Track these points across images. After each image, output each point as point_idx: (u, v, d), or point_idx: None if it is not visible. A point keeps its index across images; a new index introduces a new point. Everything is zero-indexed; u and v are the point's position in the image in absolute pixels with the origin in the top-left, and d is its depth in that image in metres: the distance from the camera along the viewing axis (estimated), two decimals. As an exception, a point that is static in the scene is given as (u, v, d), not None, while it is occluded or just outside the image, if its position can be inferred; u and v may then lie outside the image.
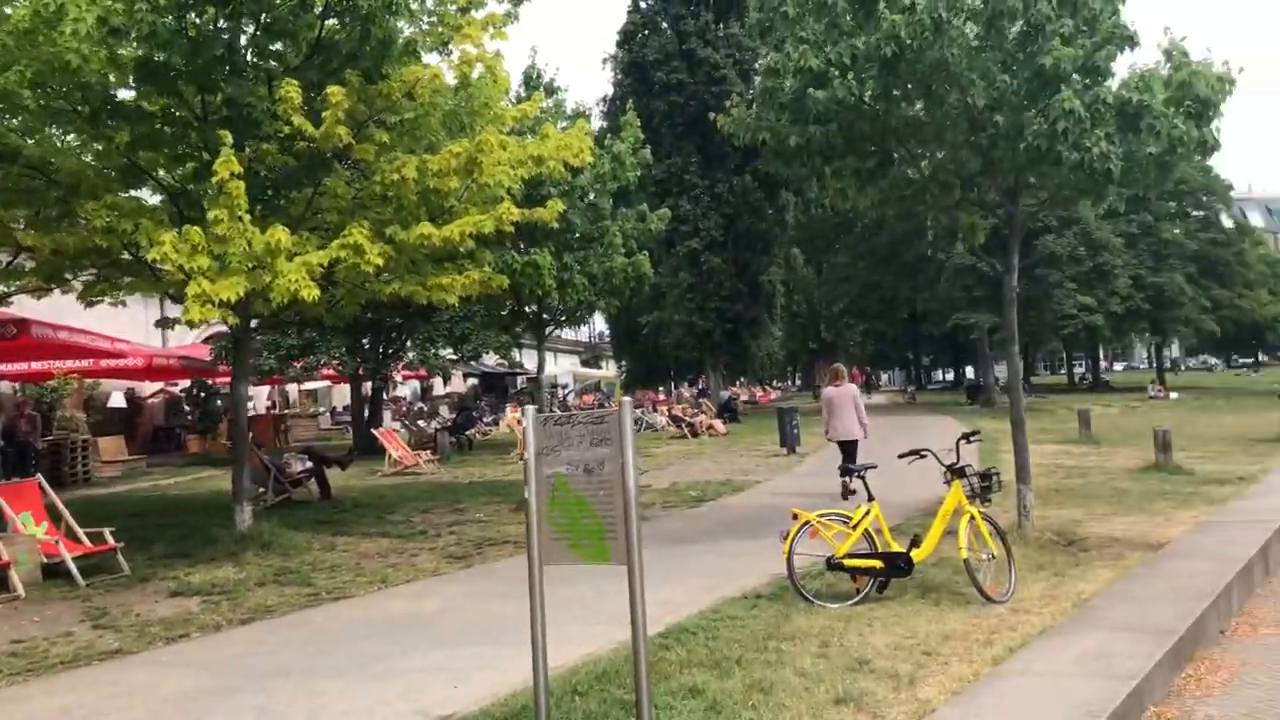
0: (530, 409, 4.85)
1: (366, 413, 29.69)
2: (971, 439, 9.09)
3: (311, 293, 10.15)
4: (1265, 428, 23.61)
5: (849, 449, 14.89)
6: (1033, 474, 11.15)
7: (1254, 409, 32.94)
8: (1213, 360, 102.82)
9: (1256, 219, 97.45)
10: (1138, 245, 54.29)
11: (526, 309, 18.51)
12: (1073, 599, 7.48)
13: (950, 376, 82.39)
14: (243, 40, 11.69)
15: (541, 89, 17.43)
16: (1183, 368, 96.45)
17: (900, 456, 8.57)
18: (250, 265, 10.32)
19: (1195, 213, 61.75)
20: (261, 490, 15.84)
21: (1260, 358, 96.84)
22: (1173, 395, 47.85)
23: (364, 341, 27.51)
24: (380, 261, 11.07)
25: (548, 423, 4.75)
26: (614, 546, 4.53)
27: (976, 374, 57.71)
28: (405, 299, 13.32)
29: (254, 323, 13.11)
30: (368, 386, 30.40)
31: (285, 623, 8.34)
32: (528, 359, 51.89)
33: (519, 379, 56.44)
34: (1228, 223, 66.02)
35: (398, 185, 11.57)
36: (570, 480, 4.65)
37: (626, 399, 4.72)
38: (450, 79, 12.78)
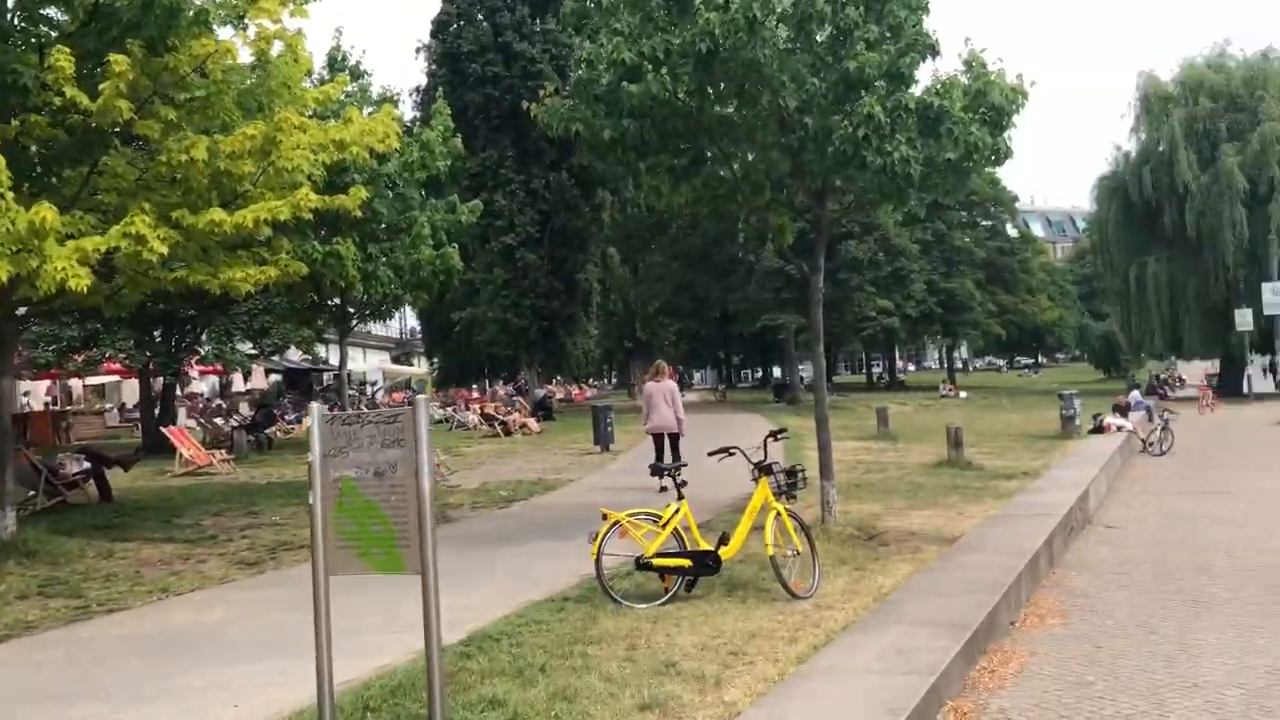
0: (315, 406, 4.47)
1: (157, 410, 27.95)
2: (779, 436, 9.18)
3: (81, 282, 9.30)
4: (1045, 425, 25.17)
5: (666, 441, 15.46)
6: (835, 470, 11.39)
7: (1035, 407, 35.14)
8: (999, 361, 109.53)
9: (1038, 229, 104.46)
10: (932, 252, 57.19)
11: (329, 301, 17.74)
12: (874, 593, 7.60)
13: (759, 375, 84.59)
14: (9, 2, 10.65)
15: (346, 72, 16.71)
16: (971, 368, 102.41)
17: (710, 454, 8.55)
18: (14, 248, 9.38)
19: (984, 222, 65.69)
20: (31, 493, 14.56)
21: (1040, 359, 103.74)
22: (962, 394, 50.68)
23: (155, 334, 25.86)
24: (164, 249, 10.26)
25: (335, 422, 4.39)
26: (407, 555, 4.22)
27: (783, 373, 59.44)
28: (195, 289, 12.48)
29: (21, 311, 12.00)
30: (159, 382, 28.64)
31: (46, 640, 7.59)
32: (335, 355, 50.21)
33: (325, 375, 54.52)
34: (1013, 232, 70.58)
35: (186, 167, 10.78)
36: (359, 484, 4.31)
37: (421, 396, 4.42)
38: (247, 56, 12.06)
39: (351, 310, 18.39)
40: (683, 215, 41.12)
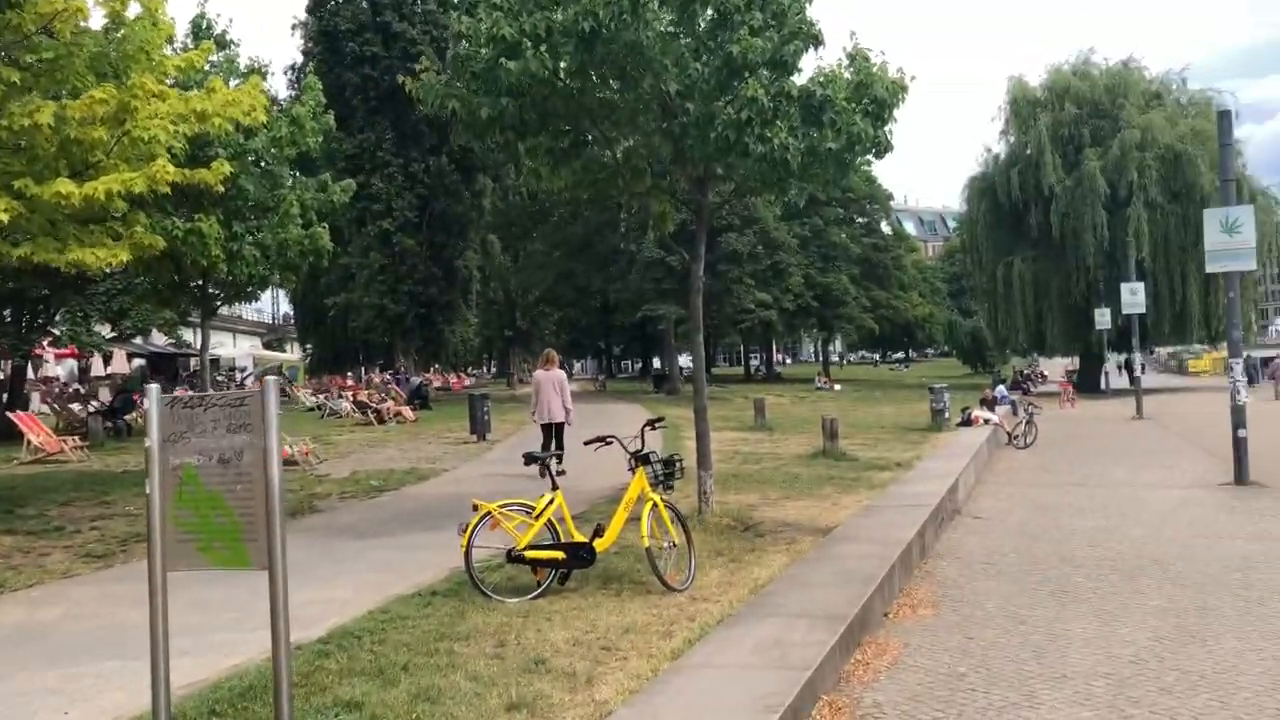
0: (153, 387, 4.10)
1: (7, 394, 26.33)
2: (656, 426, 9.01)
3: (-94, 251, 8.58)
4: (916, 418, 25.78)
5: (552, 431, 15.38)
6: (713, 460, 11.32)
7: (906, 400, 36.06)
8: (871, 355, 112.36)
9: (911, 228, 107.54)
10: (809, 247, 58.20)
11: (191, 282, 16.88)
12: (750, 585, 7.51)
13: (639, 366, 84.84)
14: None
15: (212, 40, 15.89)
16: (845, 362, 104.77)
17: (586, 443, 8.37)
18: None
19: (860, 219, 67.23)
20: None
21: (910, 354, 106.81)
22: (837, 387, 51.75)
23: (3, 313, 24.35)
24: (4, 218, 9.56)
25: (175, 404, 4.03)
26: (253, 549, 3.89)
27: (663, 364, 59.76)
28: (43, 266, 11.66)
29: None
30: (10, 365, 27.00)
31: None
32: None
33: (192, 360, 52.46)
34: (887, 230, 72.41)
35: (30, 133, 10.07)
36: (201, 472, 3.96)
37: (271, 378, 4.09)
38: (100, 18, 11.34)
39: (215, 291, 17.56)
40: (564, 201, 40.90)
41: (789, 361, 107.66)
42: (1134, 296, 31.15)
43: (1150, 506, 12.19)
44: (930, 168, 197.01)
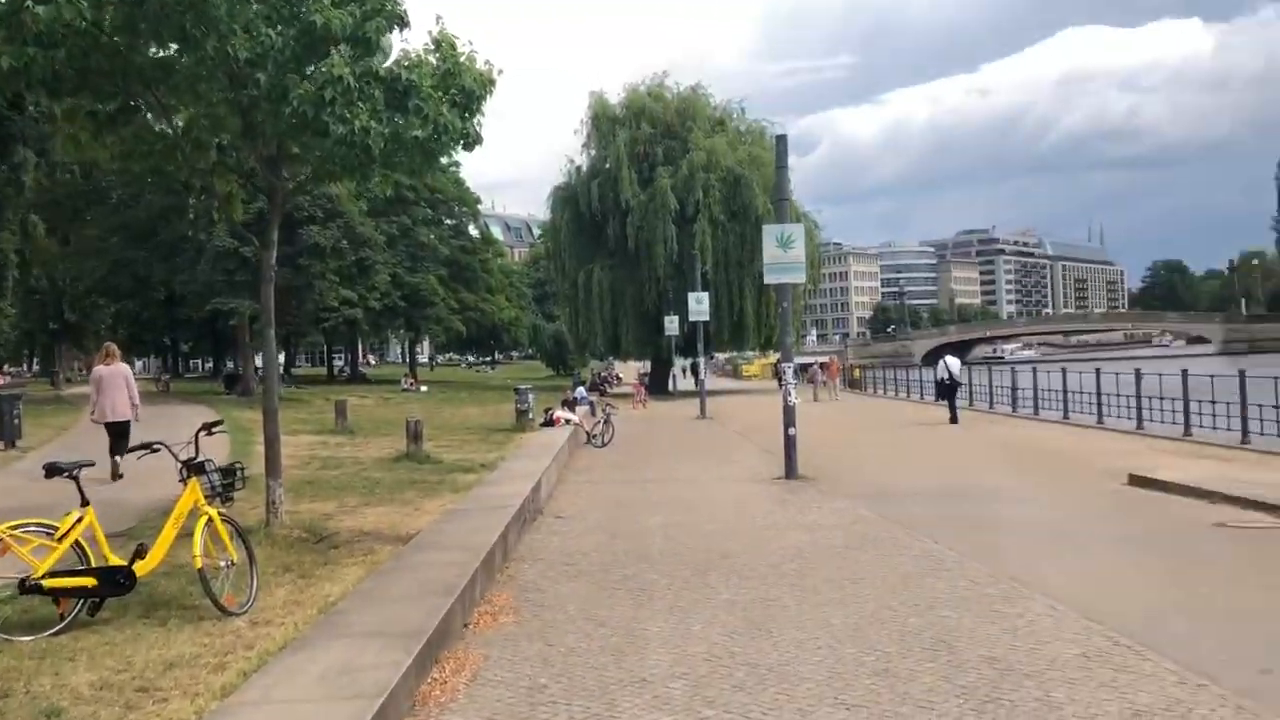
0: None
1: None
2: (214, 430, 8.06)
3: None
4: (501, 418, 26.00)
5: (119, 429, 14.38)
6: (285, 466, 10.46)
7: (492, 401, 36.34)
8: (459, 357, 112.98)
9: (498, 233, 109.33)
10: (397, 245, 57.24)
11: None
12: (319, 604, 6.87)
13: (210, 365, 79.04)
14: None
15: None
16: (434, 364, 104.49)
17: (129, 451, 7.29)
18: None
19: (449, 221, 67.36)
20: None
21: (496, 356, 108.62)
22: (424, 388, 51.28)
23: None
24: None
25: None
26: None
27: (236, 363, 56.08)
28: None
29: None
30: None
31: None
32: None
33: None
34: (475, 233, 73.10)
35: None
36: None
37: None
38: None
39: None
40: (123, 181, 37.11)
41: (375, 363, 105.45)
42: (699, 305, 33.50)
43: (716, 501, 12.90)
44: (518, 176, 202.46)
